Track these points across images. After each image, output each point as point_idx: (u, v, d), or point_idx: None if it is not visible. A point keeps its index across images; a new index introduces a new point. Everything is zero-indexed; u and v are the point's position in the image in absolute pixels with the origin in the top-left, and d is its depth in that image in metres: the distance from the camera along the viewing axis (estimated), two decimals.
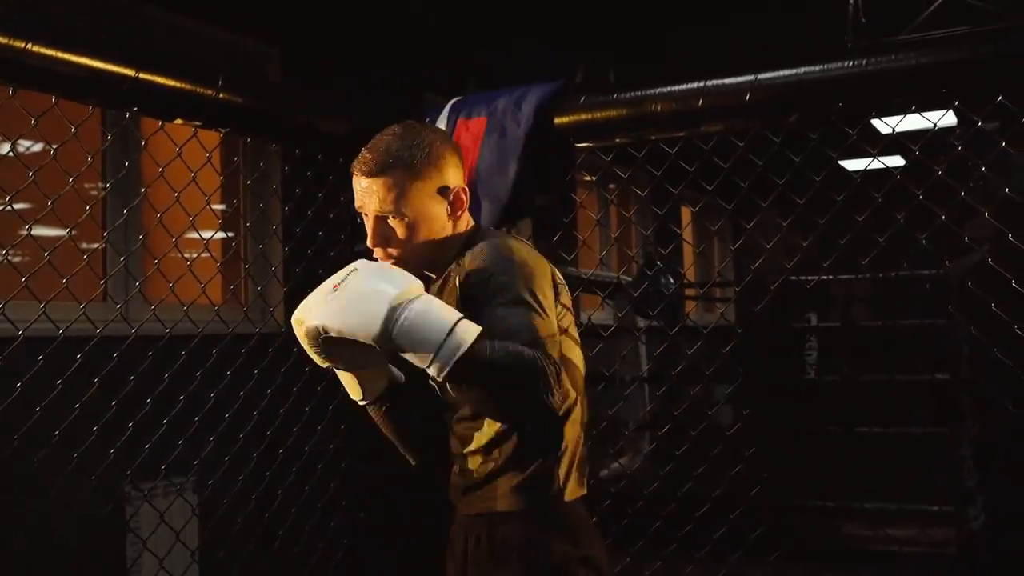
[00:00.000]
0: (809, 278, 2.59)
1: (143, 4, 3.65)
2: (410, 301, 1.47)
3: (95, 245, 3.51)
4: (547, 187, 2.45)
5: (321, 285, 1.54)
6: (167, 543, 2.62)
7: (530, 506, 1.72)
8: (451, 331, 1.45)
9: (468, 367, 1.45)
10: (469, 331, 1.46)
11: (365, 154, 1.69)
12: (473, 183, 2.32)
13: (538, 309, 1.61)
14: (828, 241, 2.62)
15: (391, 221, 1.68)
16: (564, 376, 1.62)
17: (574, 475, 1.76)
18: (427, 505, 1.90)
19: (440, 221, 1.72)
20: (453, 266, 1.73)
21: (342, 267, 1.58)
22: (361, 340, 1.47)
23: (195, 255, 2.59)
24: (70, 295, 2.17)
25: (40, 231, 2.15)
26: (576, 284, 3.33)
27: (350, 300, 1.48)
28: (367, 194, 1.68)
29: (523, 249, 1.71)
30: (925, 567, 2.47)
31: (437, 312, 1.47)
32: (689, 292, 7.17)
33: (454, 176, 1.74)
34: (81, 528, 3.03)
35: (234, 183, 3.95)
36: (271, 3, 4.08)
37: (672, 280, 5.61)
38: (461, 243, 1.76)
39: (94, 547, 3.17)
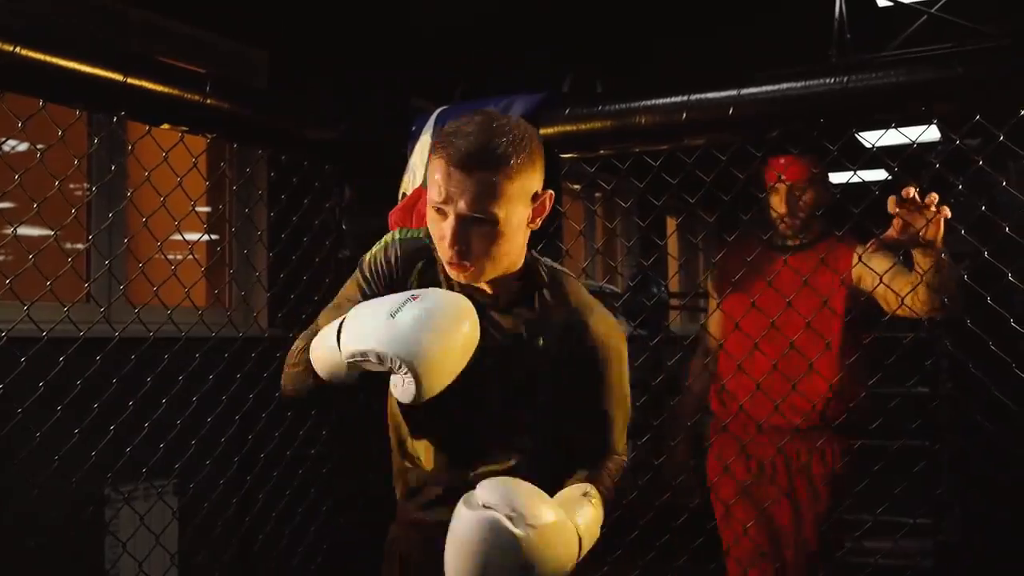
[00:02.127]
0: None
1: (130, 8, 3.65)
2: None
3: (79, 246, 3.51)
4: None
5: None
6: (147, 546, 2.62)
7: None
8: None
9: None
10: (597, 497, 1.58)
11: (459, 143, 1.49)
12: None
13: (627, 393, 1.69)
14: None
15: (478, 223, 1.50)
16: None
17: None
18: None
19: (523, 227, 1.58)
20: (537, 297, 1.64)
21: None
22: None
23: (180, 258, 2.59)
24: (54, 296, 2.17)
25: (23, 231, 2.15)
26: None
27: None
28: (457, 189, 1.49)
29: (609, 315, 1.69)
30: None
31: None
32: (673, 302, 7.19)
33: (542, 177, 1.59)
34: (61, 530, 3.02)
35: (220, 188, 3.95)
36: (259, 7, 4.09)
37: (658, 289, 5.64)
38: (529, 268, 1.65)
39: (73, 549, 3.16)
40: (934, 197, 2.05)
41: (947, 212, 2.04)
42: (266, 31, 4.17)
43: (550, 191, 1.61)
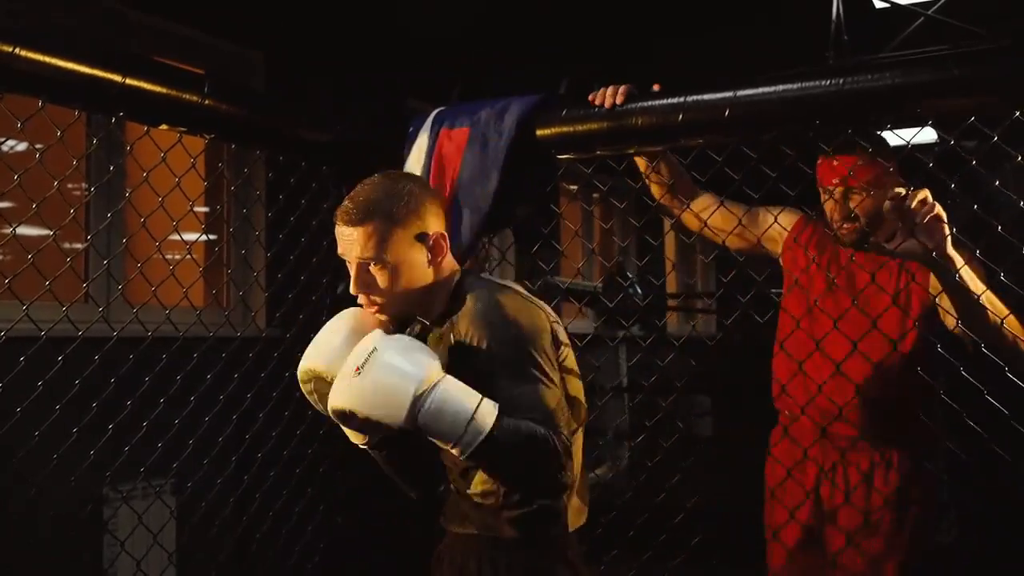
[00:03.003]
0: (779, 291, 2.63)
1: (128, 9, 3.66)
2: (432, 389, 1.57)
3: (78, 246, 3.52)
4: (528, 198, 2.48)
5: (346, 365, 1.61)
6: (144, 545, 2.63)
7: (535, 536, 1.75)
8: (472, 417, 1.56)
9: (488, 449, 1.57)
10: (489, 415, 1.58)
11: (347, 204, 1.75)
12: (455, 193, 2.35)
13: (544, 380, 1.70)
14: None
15: (373, 268, 1.73)
16: (575, 449, 1.78)
17: (576, 504, 1.79)
18: (403, 512, 1.92)
19: (420, 267, 1.77)
20: (449, 321, 1.78)
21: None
22: (386, 425, 1.57)
23: (178, 258, 2.60)
24: (52, 296, 2.18)
25: (22, 231, 2.16)
26: (556, 293, 3.37)
27: (375, 387, 1.57)
28: (349, 242, 1.73)
29: (517, 306, 1.77)
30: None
31: (459, 399, 1.58)
32: (670, 303, 7.21)
33: (434, 223, 1.80)
34: (59, 529, 3.03)
35: (218, 188, 3.96)
36: (256, 9, 4.10)
37: (640, 290, 5.64)
38: (449, 290, 1.82)
39: (72, 548, 3.17)
40: (918, 194, 2.03)
41: (940, 211, 2.02)
42: (263, 33, 4.18)
43: (441, 231, 1.81)
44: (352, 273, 1.76)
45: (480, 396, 1.60)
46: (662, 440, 3.02)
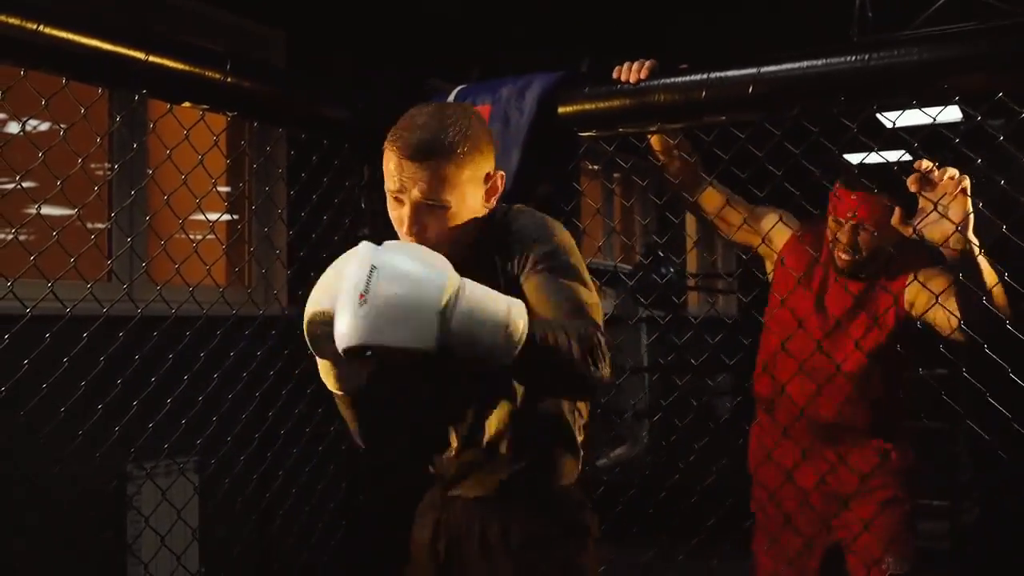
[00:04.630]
0: None
1: None
2: (456, 296, 1.35)
3: (100, 225, 3.54)
4: (549, 175, 2.47)
5: (343, 294, 1.36)
6: (168, 521, 2.66)
7: (540, 492, 1.74)
8: (508, 322, 1.37)
9: (526, 355, 1.40)
10: (520, 316, 1.40)
11: (406, 135, 1.60)
12: None
13: (583, 278, 1.63)
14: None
15: (432, 209, 1.61)
16: (582, 404, 1.73)
17: (577, 457, 1.79)
18: (425, 489, 1.93)
19: (477, 208, 1.67)
20: (497, 246, 1.69)
21: (344, 252, 1.52)
22: (412, 351, 1.33)
23: (200, 237, 2.61)
24: (77, 274, 2.19)
25: (45, 210, 2.17)
26: None
27: (390, 311, 1.32)
28: (410, 179, 1.59)
29: (556, 223, 1.72)
30: (918, 561, 2.49)
31: (488, 303, 1.38)
32: (690, 283, 7.19)
33: (492, 160, 1.70)
34: (83, 505, 3.06)
35: (240, 166, 3.97)
36: None
37: (670, 269, 5.63)
38: (493, 223, 1.72)
39: (96, 524, 3.20)
40: (947, 170, 2.03)
41: (966, 182, 2.02)
42: (285, 11, 4.18)
43: (501, 171, 1.71)
44: (407, 212, 1.62)
45: (506, 297, 1.42)
46: (680, 420, 3.03)
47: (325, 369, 1.66)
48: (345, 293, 1.34)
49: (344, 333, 1.33)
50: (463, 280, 1.39)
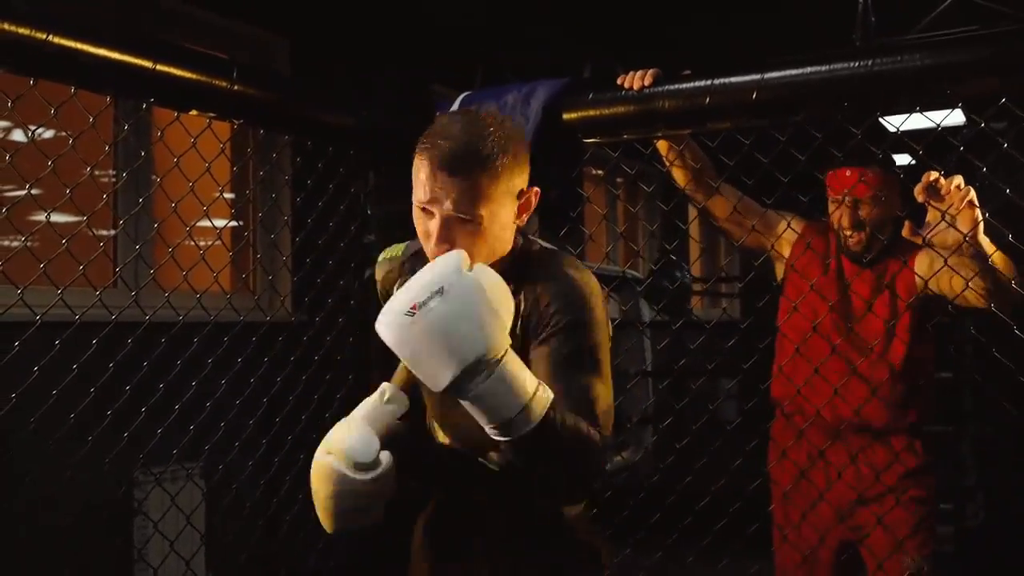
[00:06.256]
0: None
1: None
2: (495, 363, 1.32)
3: (105, 233, 3.56)
4: (555, 182, 2.48)
5: (407, 288, 1.36)
6: (176, 526, 2.67)
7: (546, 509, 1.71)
8: (527, 404, 1.34)
9: (532, 439, 1.36)
10: (542, 403, 1.36)
11: (441, 144, 1.51)
12: None
13: (604, 373, 1.54)
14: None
15: (463, 222, 1.53)
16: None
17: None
18: (429, 495, 1.93)
19: (509, 225, 1.61)
20: (512, 283, 1.57)
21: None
22: (423, 378, 1.35)
23: (207, 244, 2.62)
24: (86, 281, 2.21)
25: (52, 217, 2.19)
26: None
27: (428, 336, 1.31)
28: (443, 191, 1.51)
29: (591, 285, 1.61)
30: (934, 563, 2.50)
31: (519, 381, 1.35)
32: (695, 287, 7.20)
33: (527, 174, 1.62)
34: (92, 510, 3.07)
35: (246, 174, 3.99)
36: None
37: (680, 274, 5.64)
38: (523, 251, 1.65)
39: (104, 529, 3.22)
40: (953, 179, 2.02)
41: (972, 195, 2.01)
42: (289, 18, 4.19)
43: (535, 188, 1.63)
44: (436, 224, 1.53)
45: (537, 380, 1.38)
46: (686, 424, 3.03)
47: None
48: (406, 291, 1.36)
49: (383, 323, 1.36)
50: (508, 351, 1.35)
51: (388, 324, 1.34)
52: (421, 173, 1.54)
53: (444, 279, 1.34)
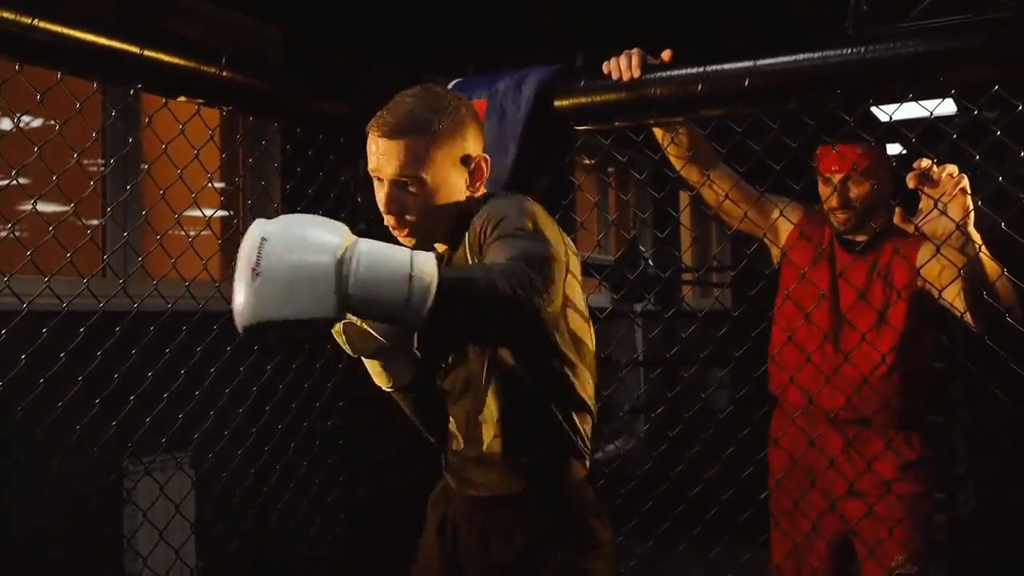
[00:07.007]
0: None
1: None
2: (351, 251, 1.26)
3: (95, 220, 3.53)
4: (546, 169, 2.47)
5: (237, 272, 1.27)
6: (165, 515, 2.66)
7: (551, 489, 1.71)
8: (410, 272, 1.25)
9: (445, 301, 1.26)
10: (428, 262, 1.27)
11: (384, 115, 1.62)
12: None
13: (538, 237, 1.48)
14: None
15: (408, 187, 1.61)
16: (557, 278, 1.45)
17: (585, 450, 1.77)
18: (425, 482, 1.93)
19: (459, 190, 1.66)
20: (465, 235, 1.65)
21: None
22: (319, 322, 1.24)
23: (196, 232, 2.60)
24: (74, 270, 2.19)
25: (39, 205, 2.17)
26: None
27: (283, 279, 1.23)
28: (385, 157, 1.61)
29: (530, 201, 1.63)
30: (927, 553, 2.50)
31: (387, 253, 1.27)
32: (686, 276, 7.19)
33: (475, 144, 1.68)
34: (81, 499, 3.06)
35: (235, 161, 3.97)
36: None
37: (652, 264, 5.60)
38: (477, 209, 1.65)
39: (93, 518, 3.20)
40: (947, 167, 2.02)
41: (965, 182, 2.01)
42: (281, 7, 4.17)
43: (485, 155, 1.70)
44: (383, 191, 1.62)
45: (408, 249, 1.30)
46: (678, 413, 3.03)
47: (371, 369, 1.70)
48: (239, 271, 1.25)
49: (240, 312, 1.25)
50: (358, 239, 1.29)
51: (247, 304, 1.25)
52: (371, 144, 1.64)
53: (259, 233, 1.27)
